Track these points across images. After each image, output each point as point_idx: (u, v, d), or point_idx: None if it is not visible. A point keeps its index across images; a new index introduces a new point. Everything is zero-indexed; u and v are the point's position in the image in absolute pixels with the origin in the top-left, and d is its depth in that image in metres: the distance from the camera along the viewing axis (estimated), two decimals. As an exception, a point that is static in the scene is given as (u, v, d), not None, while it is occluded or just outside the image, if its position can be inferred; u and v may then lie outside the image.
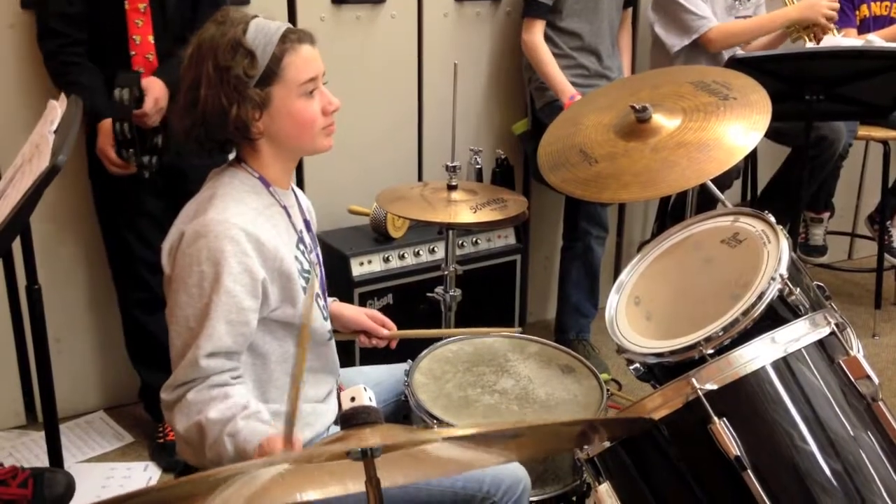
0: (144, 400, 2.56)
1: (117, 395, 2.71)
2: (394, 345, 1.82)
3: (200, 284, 1.36)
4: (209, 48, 1.41)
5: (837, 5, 2.90)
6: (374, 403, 0.96)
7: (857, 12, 3.25)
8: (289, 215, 1.52)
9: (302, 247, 1.53)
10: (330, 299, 1.78)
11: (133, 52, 2.22)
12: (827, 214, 3.51)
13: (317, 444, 1.12)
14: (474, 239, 2.77)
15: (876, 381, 1.21)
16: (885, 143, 3.28)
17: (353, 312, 1.79)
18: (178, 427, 1.37)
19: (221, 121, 1.40)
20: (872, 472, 1.19)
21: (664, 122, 1.81)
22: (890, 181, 3.48)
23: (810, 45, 2.83)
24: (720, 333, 1.39)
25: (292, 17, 2.64)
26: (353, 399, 0.94)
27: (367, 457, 0.92)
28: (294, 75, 1.42)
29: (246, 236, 1.38)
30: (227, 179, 1.47)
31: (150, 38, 2.21)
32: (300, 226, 1.56)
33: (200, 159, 1.56)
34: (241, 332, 1.38)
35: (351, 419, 0.93)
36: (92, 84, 2.18)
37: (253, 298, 1.39)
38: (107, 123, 2.13)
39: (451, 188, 2.13)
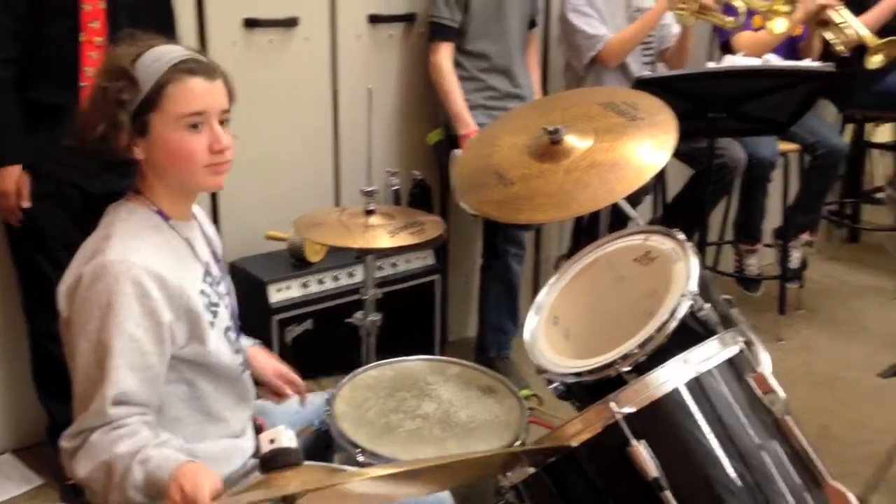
0: (53, 438, 2.45)
1: (25, 435, 2.59)
2: (305, 401, 1.72)
3: (100, 330, 1.31)
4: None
5: None
6: (294, 444, 0.94)
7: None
8: (192, 247, 1.48)
9: (209, 279, 1.49)
10: (252, 342, 1.73)
11: (83, 84, 2.13)
12: (760, 245, 3.61)
13: (236, 489, 1.09)
14: (393, 261, 2.77)
15: (782, 395, 1.26)
16: (783, 154, 3.42)
17: (263, 364, 1.69)
18: (80, 472, 1.30)
19: (98, 143, 1.37)
20: (781, 483, 1.25)
21: (576, 143, 1.84)
22: (790, 191, 3.63)
23: (711, 64, 2.93)
24: (636, 350, 1.42)
25: (203, 41, 2.59)
26: (272, 441, 0.93)
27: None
28: (174, 106, 1.38)
29: (148, 276, 1.33)
30: (125, 215, 1.42)
31: None
32: (206, 257, 1.52)
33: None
34: (145, 377, 1.33)
35: (271, 462, 0.92)
36: (7, 120, 2.10)
37: (157, 343, 1.34)
38: (14, 171, 2.08)
39: (368, 213, 2.13)
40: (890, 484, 2.27)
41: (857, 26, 3.07)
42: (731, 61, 2.86)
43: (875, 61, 3.05)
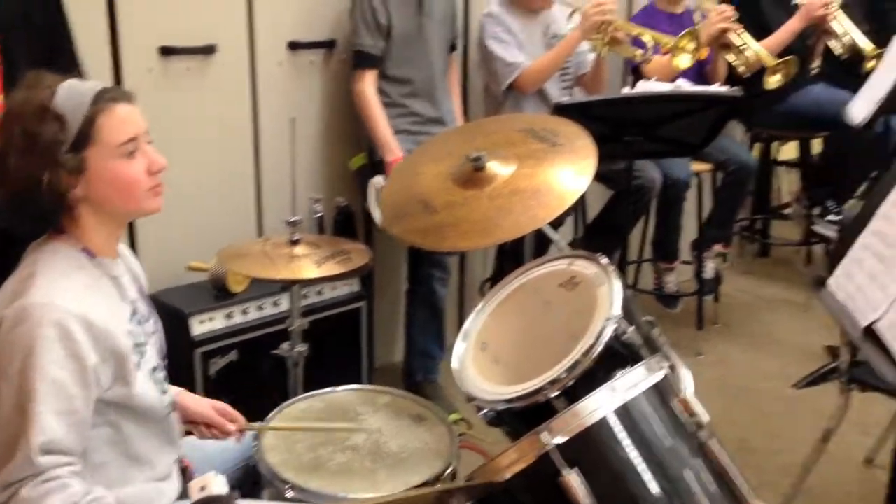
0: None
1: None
2: (241, 439, 1.72)
3: (22, 373, 1.26)
4: (17, 114, 1.34)
5: (602, 5, 2.90)
6: (225, 490, 0.93)
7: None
8: (119, 286, 1.45)
9: (136, 318, 1.46)
10: (175, 390, 1.68)
11: None
12: (677, 263, 3.70)
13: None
14: (318, 289, 2.74)
15: (705, 418, 1.30)
16: (697, 174, 3.54)
17: (198, 406, 1.68)
18: None
19: (34, 190, 1.32)
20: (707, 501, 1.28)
21: (499, 169, 1.87)
22: (704, 208, 3.76)
23: (626, 89, 3.02)
24: (563, 375, 1.44)
25: (117, 69, 2.53)
26: (202, 488, 0.91)
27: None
28: (110, 137, 1.36)
29: (73, 319, 1.29)
30: (48, 256, 1.37)
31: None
32: (133, 295, 1.49)
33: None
34: (72, 422, 1.29)
35: (202, 510, 0.90)
36: None
37: (82, 386, 1.30)
38: None
39: (293, 243, 2.11)
40: (806, 494, 2.35)
41: (756, 48, 3.21)
42: (644, 87, 2.95)
43: (773, 81, 3.19)
